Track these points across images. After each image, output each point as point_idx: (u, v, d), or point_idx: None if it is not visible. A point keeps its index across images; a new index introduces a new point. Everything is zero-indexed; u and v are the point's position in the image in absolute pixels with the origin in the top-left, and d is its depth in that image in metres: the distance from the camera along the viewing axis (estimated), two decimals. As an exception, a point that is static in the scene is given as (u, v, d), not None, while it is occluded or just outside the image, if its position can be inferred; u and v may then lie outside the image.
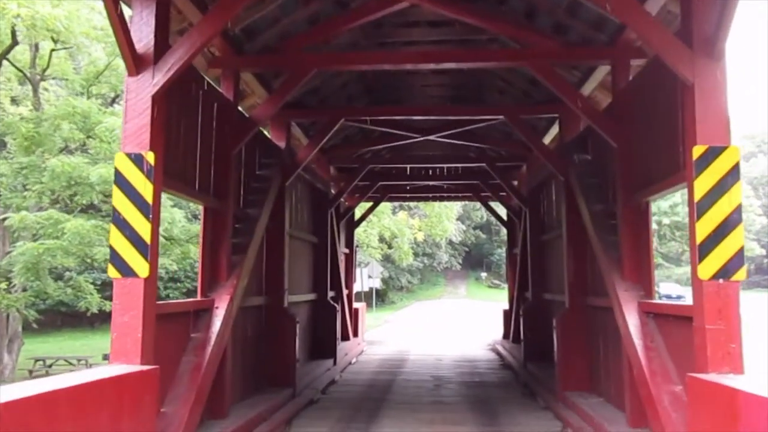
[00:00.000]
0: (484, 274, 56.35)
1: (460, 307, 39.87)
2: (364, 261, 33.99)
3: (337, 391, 9.70)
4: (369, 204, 16.74)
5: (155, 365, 4.50)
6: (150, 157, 4.61)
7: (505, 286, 52.06)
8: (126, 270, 4.52)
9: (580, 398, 7.52)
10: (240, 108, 7.65)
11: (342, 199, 14.51)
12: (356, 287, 27.24)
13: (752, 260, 53.41)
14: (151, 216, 4.57)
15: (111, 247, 4.55)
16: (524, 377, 10.38)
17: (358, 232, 29.65)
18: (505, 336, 15.33)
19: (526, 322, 11.36)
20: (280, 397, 7.83)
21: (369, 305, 33.33)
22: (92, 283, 15.19)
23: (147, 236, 4.54)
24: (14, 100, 16.68)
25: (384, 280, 37.88)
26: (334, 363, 11.53)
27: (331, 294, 13.15)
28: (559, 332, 8.11)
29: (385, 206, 31.01)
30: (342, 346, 13.35)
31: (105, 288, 16.05)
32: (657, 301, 5.86)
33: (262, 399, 7.52)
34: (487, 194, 15.88)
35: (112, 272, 4.53)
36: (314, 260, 11.75)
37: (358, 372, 11.82)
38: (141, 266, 4.52)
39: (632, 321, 5.75)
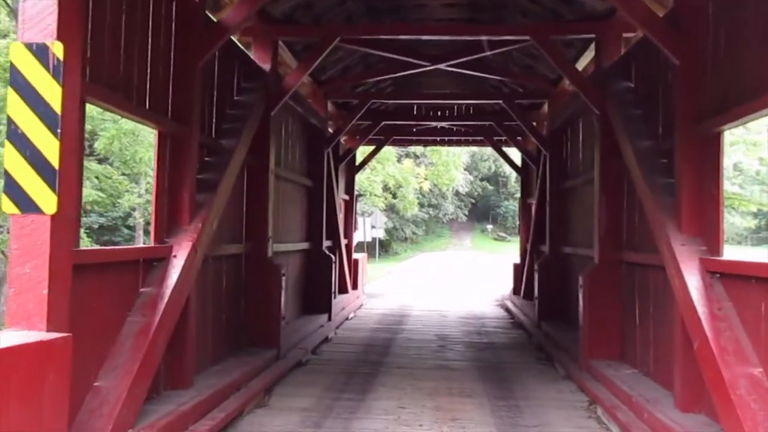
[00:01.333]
0: (490, 227, 55.34)
1: (465, 259, 38.93)
2: (367, 210, 32.89)
3: (330, 351, 8.65)
4: (371, 148, 15.42)
5: (69, 332, 3.36)
6: (58, 50, 3.34)
7: (512, 239, 51.29)
8: (25, 203, 3.32)
9: (609, 369, 6.42)
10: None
11: (341, 141, 13.21)
12: (358, 237, 26.22)
13: None
14: (59, 131, 3.33)
15: (6, 173, 3.33)
16: (538, 338, 9.31)
17: (360, 178, 28.36)
18: (515, 291, 14.25)
19: (542, 277, 10.22)
20: (261, 360, 6.76)
21: (371, 256, 32.39)
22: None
23: (54, 158, 3.32)
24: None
25: (388, 231, 36.85)
26: (329, 319, 10.48)
27: (327, 243, 12.00)
28: (587, 291, 6.95)
29: (389, 153, 29.64)
30: (339, 300, 12.31)
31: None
32: (727, 258, 4.65)
33: (238, 363, 6.45)
34: (500, 138, 14.52)
35: (7, 206, 3.33)
36: (308, 206, 10.56)
37: (355, 328, 10.79)
38: (46, 199, 3.31)
39: (692, 282, 4.56)
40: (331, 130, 11.16)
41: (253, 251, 7.28)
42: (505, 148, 15.13)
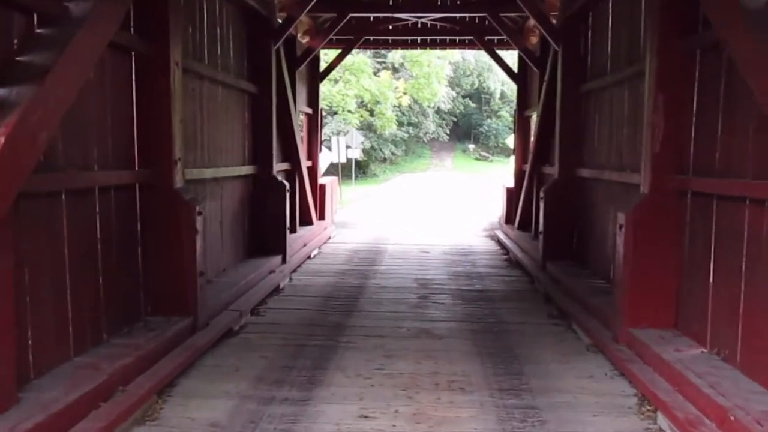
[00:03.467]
0: (472, 146, 52.96)
1: (447, 180, 36.79)
2: (343, 129, 30.28)
3: (277, 309, 6.59)
4: (338, 52, 12.81)
5: None
6: None
7: (495, 158, 49.18)
8: None
9: (664, 345, 4.45)
10: None
11: (299, 38, 10.64)
12: (331, 158, 23.86)
13: None
14: None
15: None
16: (545, 285, 7.35)
17: (332, 92, 25.67)
18: (508, 220, 12.24)
19: (549, 207, 8.13)
20: (164, 338, 4.65)
21: (348, 178, 30.14)
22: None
23: None
24: None
25: (365, 151, 34.37)
26: (283, 261, 8.37)
27: (283, 167, 9.73)
28: (631, 233, 4.87)
29: (363, 63, 26.78)
30: (300, 234, 10.18)
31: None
32: None
33: (122, 348, 4.33)
34: (493, 38, 12.03)
35: None
36: (252, 119, 8.19)
37: (316, 271, 8.73)
38: None
39: None
40: (279, 20, 8.62)
41: (152, 180, 5.02)
42: (498, 52, 12.65)
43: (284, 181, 8.47)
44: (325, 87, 25.19)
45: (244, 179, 7.91)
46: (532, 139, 11.20)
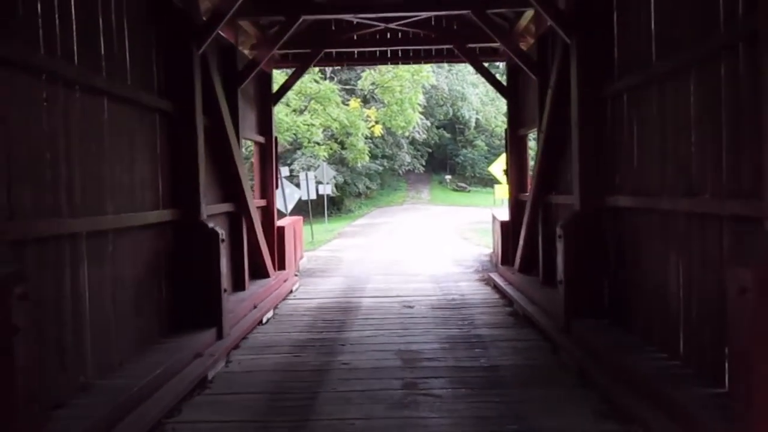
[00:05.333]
0: (448, 177, 51.38)
1: (425, 213, 34.85)
2: (314, 164, 28.25)
3: (192, 427, 4.38)
4: (292, 69, 10.82)
5: None
6: None
7: (473, 189, 47.80)
8: None
9: None
10: None
11: (239, 48, 8.62)
12: (298, 196, 21.72)
13: None
14: None
15: None
16: (575, 356, 5.31)
17: (296, 122, 23.50)
18: (505, 261, 10.22)
19: (571, 248, 6.10)
20: None
21: (320, 216, 27.98)
22: None
23: None
24: None
25: (338, 186, 32.33)
26: (218, 336, 6.19)
27: (222, 208, 7.63)
28: (756, 298, 2.84)
29: (330, 89, 24.82)
30: (249, 294, 8.05)
31: None
32: None
33: None
34: (475, 45, 10.19)
35: None
36: (168, 146, 6.07)
37: (263, 347, 6.53)
38: None
39: None
40: (204, 16, 6.61)
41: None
42: (484, 63, 10.82)
43: (217, 229, 6.31)
44: (288, 117, 23.23)
45: (157, 228, 5.74)
46: (532, 162, 9.26)
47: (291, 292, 9.75)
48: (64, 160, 4.21)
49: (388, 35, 10.28)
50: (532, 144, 11.37)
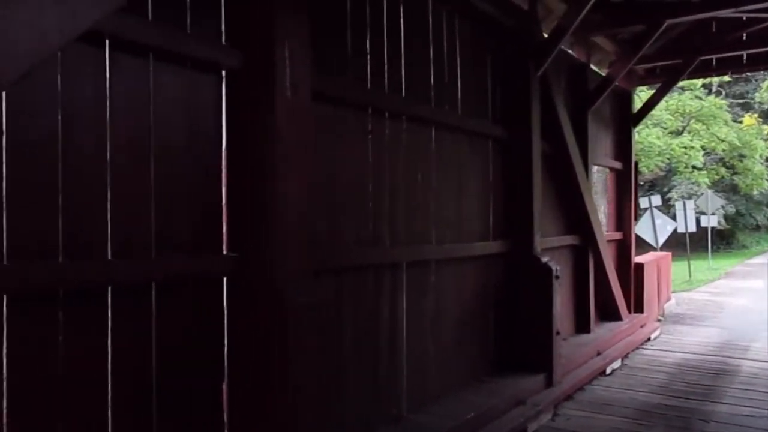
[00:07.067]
0: None
1: None
2: (696, 192, 24.85)
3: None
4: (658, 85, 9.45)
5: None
6: None
7: None
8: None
9: None
10: None
11: (583, 62, 7.88)
12: (672, 228, 19.22)
13: None
14: None
15: None
16: None
17: (670, 145, 20.66)
18: None
19: None
20: None
21: (703, 251, 24.29)
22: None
23: None
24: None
25: (728, 217, 27.72)
26: (548, 383, 5.58)
27: (563, 241, 7.01)
28: None
29: (716, 105, 21.21)
30: (593, 338, 7.21)
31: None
32: None
33: None
34: None
35: None
36: (500, 174, 5.80)
37: (600, 406, 5.60)
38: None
39: None
40: (546, 35, 6.13)
41: (249, 273, 3.11)
42: None
43: (550, 264, 5.73)
44: (661, 140, 20.87)
45: (484, 261, 5.49)
46: None
47: (648, 340, 8.42)
48: (387, 190, 4.28)
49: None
50: None
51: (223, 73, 3.08)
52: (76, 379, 2.45)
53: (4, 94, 2.20)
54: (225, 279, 3.08)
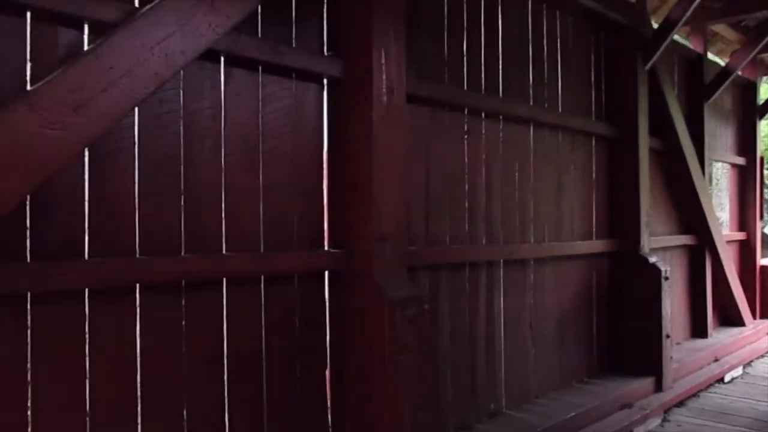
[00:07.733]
0: None
1: None
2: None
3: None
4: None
5: None
6: None
7: None
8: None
9: None
10: None
11: (706, 54, 7.44)
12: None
13: None
14: None
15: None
16: None
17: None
18: None
19: None
20: None
21: None
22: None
23: None
24: None
25: None
26: (657, 387, 5.38)
27: (676, 241, 6.69)
28: None
29: None
30: (710, 343, 6.81)
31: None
32: None
33: None
34: None
35: None
36: (604, 172, 5.65)
37: (716, 414, 5.30)
38: None
39: None
40: (656, 25, 5.87)
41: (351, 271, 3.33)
42: None
43: (659, 264, 5.51)
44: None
45: (587, 260, 5.38)
46: None
47: (773, 349, 7.79)
48: (483, 188, 4.35)
49: None
50: None
51: (325, 81, 3.31)
52: (197, 361, 2.77)
53: (137, 109, 2.54)
54: (327, 273, 3.31)
